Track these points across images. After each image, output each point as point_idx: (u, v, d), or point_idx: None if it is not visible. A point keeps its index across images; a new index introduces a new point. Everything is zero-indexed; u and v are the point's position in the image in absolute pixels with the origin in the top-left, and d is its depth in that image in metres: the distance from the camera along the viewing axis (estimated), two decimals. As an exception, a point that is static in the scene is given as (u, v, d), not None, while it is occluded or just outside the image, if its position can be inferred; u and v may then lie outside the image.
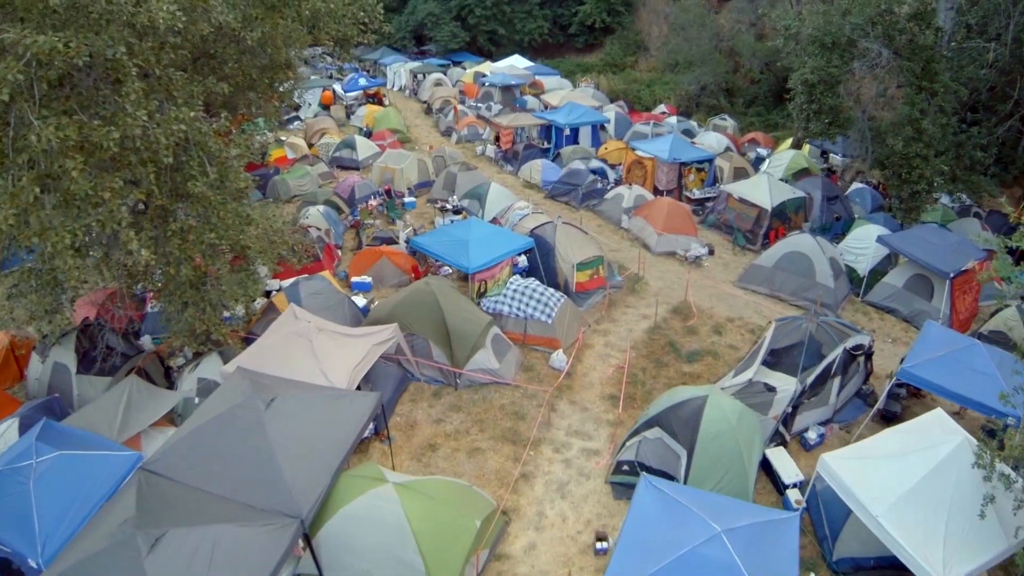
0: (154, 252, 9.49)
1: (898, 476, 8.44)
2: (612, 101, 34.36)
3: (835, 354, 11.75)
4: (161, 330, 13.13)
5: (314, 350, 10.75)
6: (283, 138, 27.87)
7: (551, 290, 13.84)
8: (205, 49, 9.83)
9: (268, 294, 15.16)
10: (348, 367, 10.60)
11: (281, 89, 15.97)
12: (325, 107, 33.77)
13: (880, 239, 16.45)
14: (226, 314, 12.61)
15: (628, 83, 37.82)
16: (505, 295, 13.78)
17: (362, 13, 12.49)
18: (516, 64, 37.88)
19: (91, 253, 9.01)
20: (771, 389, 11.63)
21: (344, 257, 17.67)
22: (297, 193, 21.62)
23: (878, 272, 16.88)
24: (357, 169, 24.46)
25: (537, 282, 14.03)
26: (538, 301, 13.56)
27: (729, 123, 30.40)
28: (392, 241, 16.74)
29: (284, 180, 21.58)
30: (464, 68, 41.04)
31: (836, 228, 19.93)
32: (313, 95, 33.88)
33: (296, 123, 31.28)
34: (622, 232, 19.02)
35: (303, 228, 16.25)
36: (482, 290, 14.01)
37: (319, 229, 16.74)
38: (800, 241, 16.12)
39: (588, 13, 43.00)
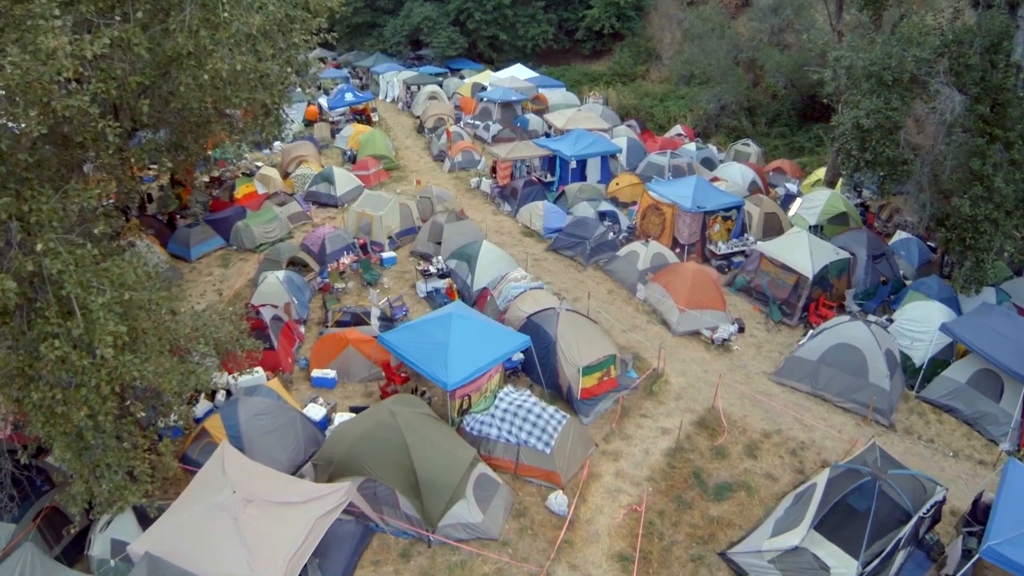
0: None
1: None
2: (622, 119, 31.50)
3: (908, 528, 9.19)
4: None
5: (240, 531, 8.20)
6: (258, 164, 25.19)
7: (550, 409, 11.20)
8: (68, 140, 7.16)
9: (213, 395, 12.66)
10: (283, 557, 8.05)
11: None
12: (309, 123, 30.96)
13: (945, 328, 13.78)
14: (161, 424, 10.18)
15: (640, 97, 34.79)
16: (493, 415, 11.16)
17: (289, 69, 9.62)
18: (517, 75, 34.86)
19: None
20: (823, 566, 9.16)
21: (309, 334, 15.03)
22: (263, 241, 18.95)
23: (938, 361, 14.25)
24: (335, 206, 21.76)
25: (534, 399, 11.37)
26: (534, 425, 10.94)
27: (753, 149, 27.48)
28: (362, 321, 14.10)
29: (248, 227, 18.88)
30: (462, 77, 38.08)
31: (882, 293, 17.21)
32: (297, 109, 31.01)
33: (275, 144, 28.46)
34: (636, 302, 16.29)
35: (254, 308, 13.64)
36: (465, 406, 11.40)
37: (275, 307, 14.11)
38: (851, 332, 13.43)
39: (596, 18, 39.80)
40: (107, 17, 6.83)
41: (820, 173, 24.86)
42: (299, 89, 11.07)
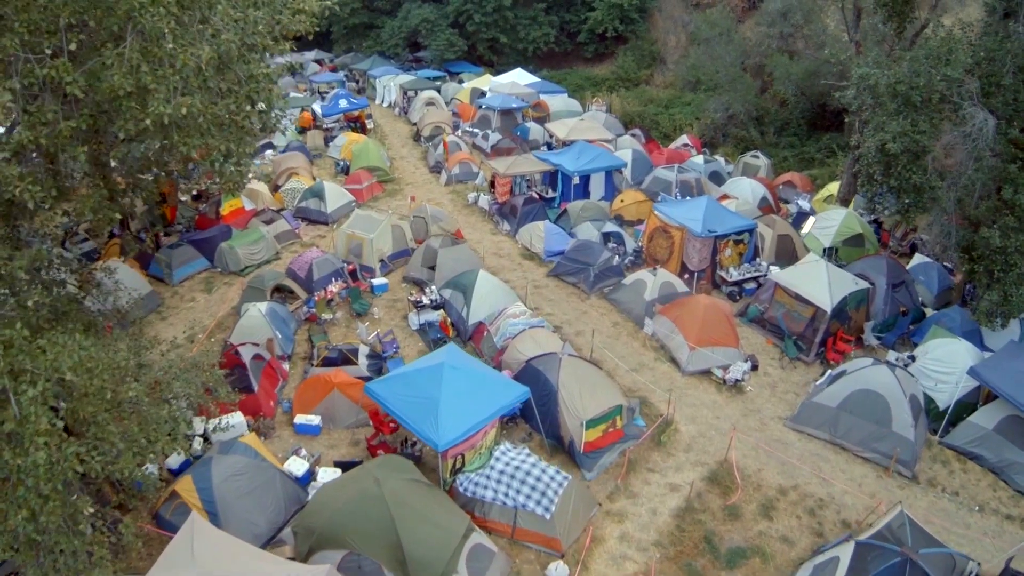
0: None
1: None
2: (626, 127, 30.47)
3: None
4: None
5: (200, 629, 7.34)
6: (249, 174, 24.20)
7: (550, 470, 10.30)
8: None
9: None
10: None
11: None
12: (303, 131, 29.93)
13: (974, 373, 12.88)
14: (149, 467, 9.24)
15: (644, 103, 33.74)
16: (489, 476, 10.27)
17: (249, 107, 8.59)
18: (518, 80, 33.78)
19: None
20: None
21: (293, 371, 14.12)
22: (248, 264, 18.00)
23: (964, 404, 13.37)
24: (326, 223, 20.80)
25: (533, 458, 10.48)
26: (532, 488, 10.05)
27: (762, 161, 26.48)
28: (350, 360, 13.18)
29: (233, 248, 17.91)
30: (461, 81, 36.98)
31: (902, 325, 16.27)
32: (291, 114, 29.95)
33: (268, 152, 27.48)
34: (643, 337, 15.34)
35: (232, 347, 12.72)
36: (458, 466, 10.50)
37: (256, 344, 13.20)
38: (875, 377, 12.52)
39: (599, 20, 38.62)
40: (35, 52, 5.89)
41: (832, 188, 23.89)
42: (260, 129, 10.01)
